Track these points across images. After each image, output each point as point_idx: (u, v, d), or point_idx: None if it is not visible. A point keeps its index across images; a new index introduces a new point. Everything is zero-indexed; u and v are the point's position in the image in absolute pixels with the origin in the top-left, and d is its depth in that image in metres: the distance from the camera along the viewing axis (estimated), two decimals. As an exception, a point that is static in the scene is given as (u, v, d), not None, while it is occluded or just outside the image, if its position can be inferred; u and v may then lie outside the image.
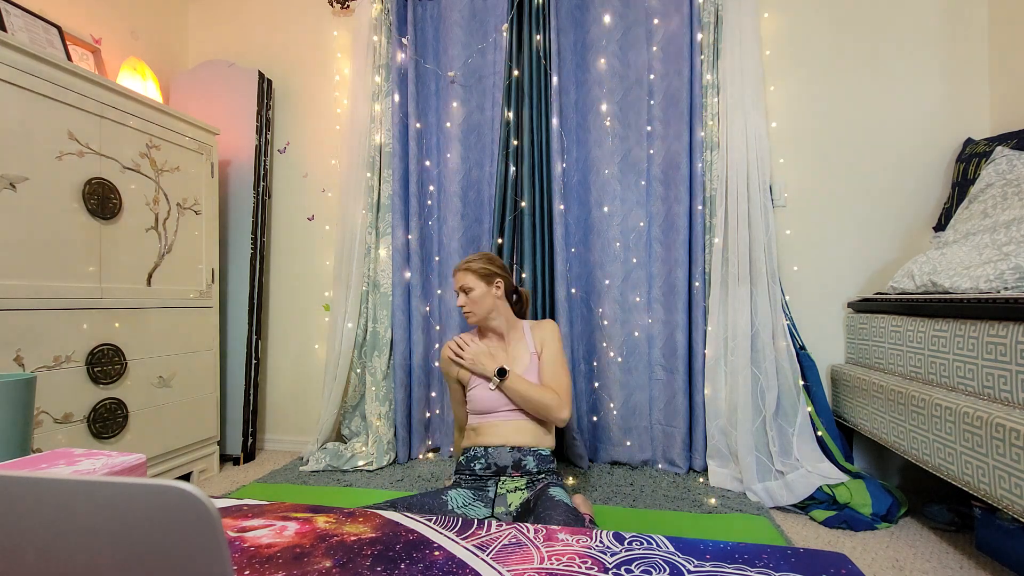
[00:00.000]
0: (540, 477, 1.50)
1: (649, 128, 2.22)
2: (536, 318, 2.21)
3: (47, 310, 1.56)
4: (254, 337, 2.39)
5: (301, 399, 2.55)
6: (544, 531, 0.80)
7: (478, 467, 1.49)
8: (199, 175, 2.15)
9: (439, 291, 2.37)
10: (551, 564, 0.69)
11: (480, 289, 1.61)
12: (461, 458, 1.56)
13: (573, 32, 2.29)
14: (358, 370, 2.36)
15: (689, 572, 0.67)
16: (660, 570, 0.68)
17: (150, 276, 1.92)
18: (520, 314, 1.78)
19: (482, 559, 0.71)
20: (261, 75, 2.44)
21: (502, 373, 1.55)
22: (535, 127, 2.22)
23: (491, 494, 1.45)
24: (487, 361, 1.58)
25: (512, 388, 1.53)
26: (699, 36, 2.14)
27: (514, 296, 1.76)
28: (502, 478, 1.48)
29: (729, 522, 1.66)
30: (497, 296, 1.64)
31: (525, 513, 1.37)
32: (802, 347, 2.07)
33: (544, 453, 1.53)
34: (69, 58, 1.96)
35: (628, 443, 2.20)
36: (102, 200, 1.72)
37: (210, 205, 2.20)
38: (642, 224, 2.23)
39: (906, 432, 1.57)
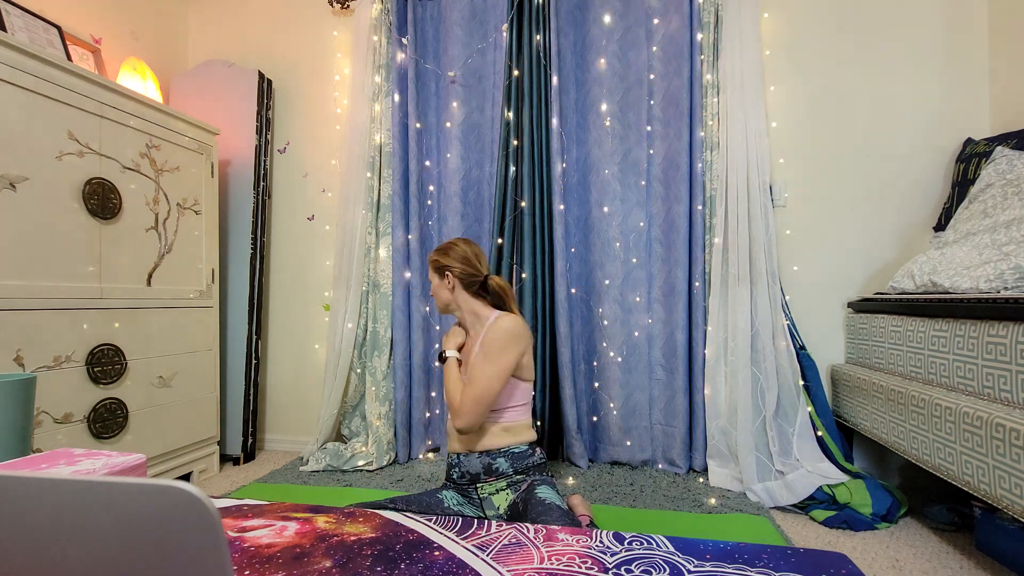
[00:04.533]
0: (520, 477, 1.43)
1: (649, 128, 2.22)
2: (535, 318, 2.21)
3: (47, 310, 1.56)
4: (254, 337, 2.39)
5: (301, 399, 2.55)
6: (544, 531, 0.80)
7: (455, 475, 1.46)
8: (199, 175, 2.15)
9: (439, 291, 2.37)
10: (551, 564, 0.69)
11: (435, 282, 1.57)
12: (446, 463, 1.54)
13: (573, 32, 2.29)
14: (358, 370, 2.36)
15: (689, 572, 0.67)
16: (660, 570, 0.68)
17: (150, 276, 1.92)
18: (499, 304, 1.57)
19: (482, 559, 0.71)
20: (261, 75, 2.44)
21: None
22: (535, 127, 2.22)
23: (476, 498, 1.44)
24: (445, 341, 1.56)
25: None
26: (699, 36, 2.14)
27: (479, 287, 1.56)
28: (478, 484, 1.43)
29: (729, 522, 1.66)
30: (449, 288, 1.53)
31: (515, 516, 1.34)
32: (802, 347, 2.07)
33: (519, 450, 1.44)
34: (69, 58, 1.96)
35: (628, 443, 2.20)
36: (102, 200, 1.72)
37: (210, 205, 2.20)
38: (642, 224, 2.23)
39: (906, 432, 1.57)
